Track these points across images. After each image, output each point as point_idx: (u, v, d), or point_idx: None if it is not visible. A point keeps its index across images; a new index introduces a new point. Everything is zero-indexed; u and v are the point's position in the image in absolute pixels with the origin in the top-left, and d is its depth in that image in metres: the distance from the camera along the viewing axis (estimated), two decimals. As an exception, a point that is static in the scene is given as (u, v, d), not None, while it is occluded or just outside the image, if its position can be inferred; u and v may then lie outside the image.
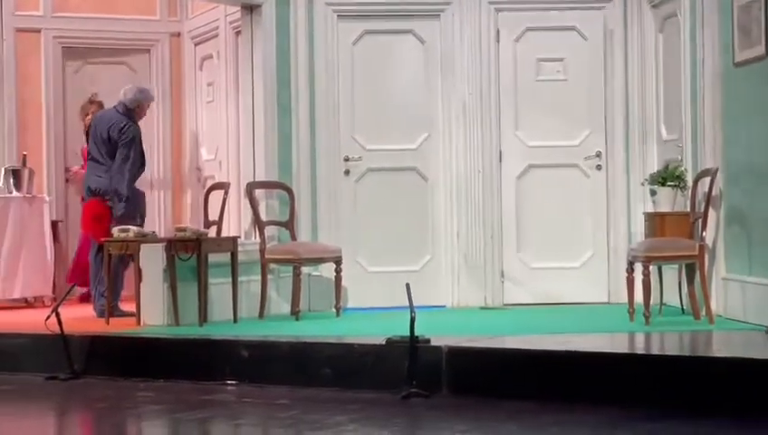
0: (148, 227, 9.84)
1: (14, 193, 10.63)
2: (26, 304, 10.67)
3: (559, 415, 6.40)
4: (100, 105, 10.66)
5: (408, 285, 7.32)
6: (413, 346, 7.12)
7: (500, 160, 10.14)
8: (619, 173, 10.11)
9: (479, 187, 10.08)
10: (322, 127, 10.03)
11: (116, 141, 9.50)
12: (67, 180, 11.41)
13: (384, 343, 7.38)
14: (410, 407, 6.83)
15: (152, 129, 11.44)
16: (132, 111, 9.65)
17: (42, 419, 7.13)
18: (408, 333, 7.15)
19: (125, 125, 9.50)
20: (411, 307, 7.14)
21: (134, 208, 9.53)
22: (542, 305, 9.96)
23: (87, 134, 10.33)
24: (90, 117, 10.60)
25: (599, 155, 10.14)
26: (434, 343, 7.28)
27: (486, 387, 7.02)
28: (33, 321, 8.74)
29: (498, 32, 10.15)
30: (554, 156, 10.16)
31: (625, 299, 8.82)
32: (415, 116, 10.17)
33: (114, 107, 9.75)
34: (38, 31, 11.48)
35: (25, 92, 11.41)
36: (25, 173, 10.69)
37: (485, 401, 6.84)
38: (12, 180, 10.65)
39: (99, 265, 9.44)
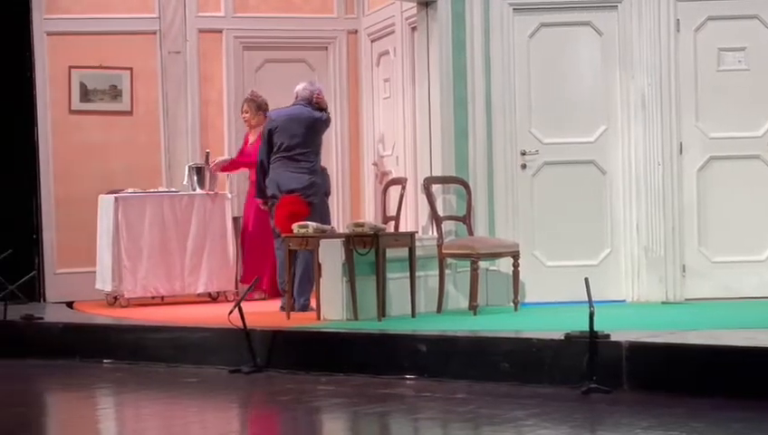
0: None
1: (198, 190, 10.88)
2: (210, 298, 10.92)
3: (743, 412, 6.26)
4: (257, 101, 10.82)
5: (586, 280, 7.25)
6: (593, 341, 7.06)
7: (680, 152, 9.95)
8: (806, 164, 9.84)
9: (659, 179, 9.91)
10: (499, 121, 10.00)
11: (320, 132, 9.80)
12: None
13: (563, 338, 7.33)
14: (590, 403, 6.77)
15: (330, 125, 11.56)
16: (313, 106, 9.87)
17: (225, 411, 7.28)
18: (587, 328, 7.09)
19: (324, 115, 9.83)
20: (590, 302, 7.08)
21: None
22: (724, 300, 9.75)
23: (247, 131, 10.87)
24: (243, 116, 10.83)
25: (783, 146, 9.90)
26: (614, 338, 7.20)
27: (668, 383, 6.91)
28: (217, 315, 8.93)
29: (678, 21, 9.96)
30: (736, 147, 9.92)
31: (812, 294, 8.58)
32: (592, 109, 10.05)
33: (299, 104, 9.85)
34: (219, 31, 11.73)
35: (207, 92, 11.68)
36: (208, 170, 10.93)
37: (667, 398, 6.72)
38: (195, 178, 10.91)
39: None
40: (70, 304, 10.91)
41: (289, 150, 9.69)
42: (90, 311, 10.39)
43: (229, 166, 11.07)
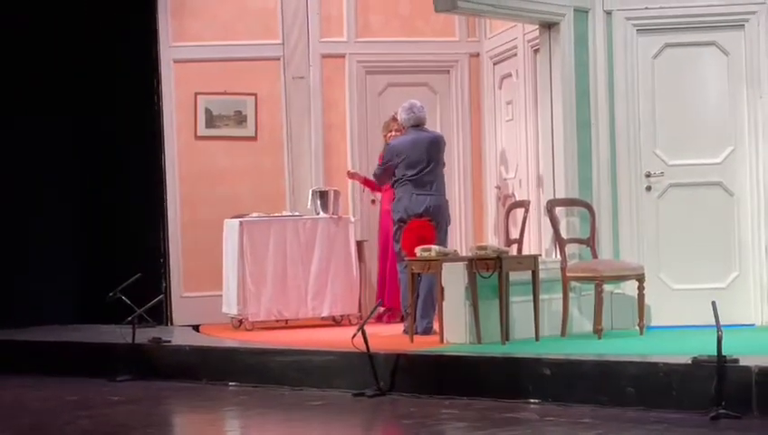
0: (449, 246, 9.97)
1: (321, 214, 10.97)
2: (334, 322, 10.97)
3: None
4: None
5: (714, 303, 7.14)
6: (721, 366, 6.94)
7: (811, 173, 9.74)
8: None
9: (789, 201, 9.71)
10: (623, 143, 9.90)
11: (442, 150, 9.90)
12: (373, 201, 11.65)
13: (690, 362, 7.22)
14: (719, 429, 6.65)
15: (452, 148, 11.58)
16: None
17: (349, 434, 7.30)
18: (715, 353, 6.97)
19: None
20: (718, 326, 6.96)
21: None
22: None
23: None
24: (392, 134, 10.83)
25: None
26: (743, 362, 7.07)
27: (800, 409, 6.76)
28: (341, 339, 8.97)
29: (807, 39, 9.76)
30: None
31: None
32: (719, 129, 9.89)
33: (422, 128, 9.91)
34: (342, 56, 11.82)
35: (331, 116, 11.76)
36: (331, 194, 11.01)
37: (799, 424, 6.58)
38: (319, 202, 11.00)
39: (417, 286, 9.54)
40: (196, 328, 11.08)
41: (415, 175, 9.74)
42: (216, 334, 10.53)
43: (363, 181, 11.15)
